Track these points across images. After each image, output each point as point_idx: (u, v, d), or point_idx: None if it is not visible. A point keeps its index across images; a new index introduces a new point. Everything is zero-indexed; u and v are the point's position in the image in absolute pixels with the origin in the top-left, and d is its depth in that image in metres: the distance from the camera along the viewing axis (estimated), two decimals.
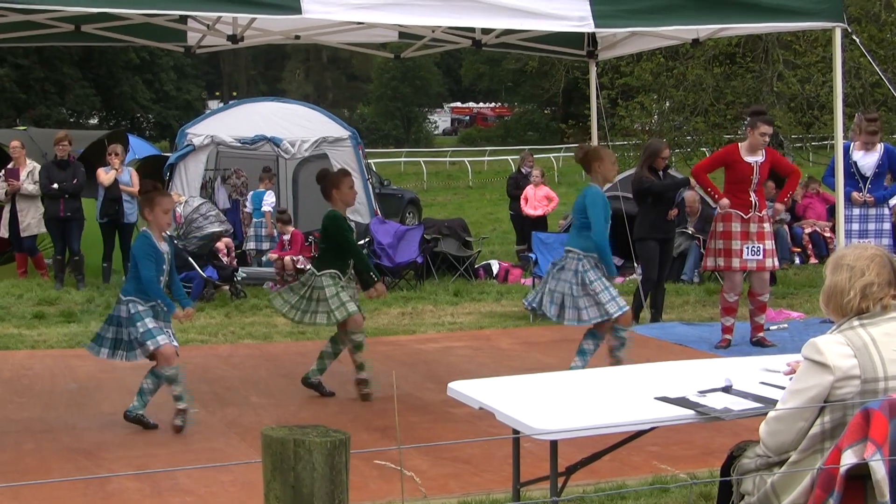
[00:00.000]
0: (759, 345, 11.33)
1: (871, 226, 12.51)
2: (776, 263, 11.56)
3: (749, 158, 11.13)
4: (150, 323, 8.21)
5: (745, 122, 11.54)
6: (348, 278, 9.51)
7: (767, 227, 11.26)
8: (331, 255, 9.44)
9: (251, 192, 17.70)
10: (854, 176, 12.41)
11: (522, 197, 19.12)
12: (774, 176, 12.32)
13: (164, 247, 8.40)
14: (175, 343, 8.44)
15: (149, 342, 8.16)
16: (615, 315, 9.27)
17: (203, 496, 6.77)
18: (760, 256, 11.14)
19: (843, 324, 4.45)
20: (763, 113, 11.52)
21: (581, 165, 9.82)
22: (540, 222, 18.56)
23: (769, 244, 11.21)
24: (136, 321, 8.18)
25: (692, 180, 12.69)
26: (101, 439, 8.14)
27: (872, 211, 12.50)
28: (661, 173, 12.93)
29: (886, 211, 12.64)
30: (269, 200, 17.28)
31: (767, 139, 11.23)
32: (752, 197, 11.13)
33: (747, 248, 11.10)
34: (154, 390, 8.41)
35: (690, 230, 16.26)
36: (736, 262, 11.13)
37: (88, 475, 7.06)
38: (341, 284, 9.39)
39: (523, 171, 20.08)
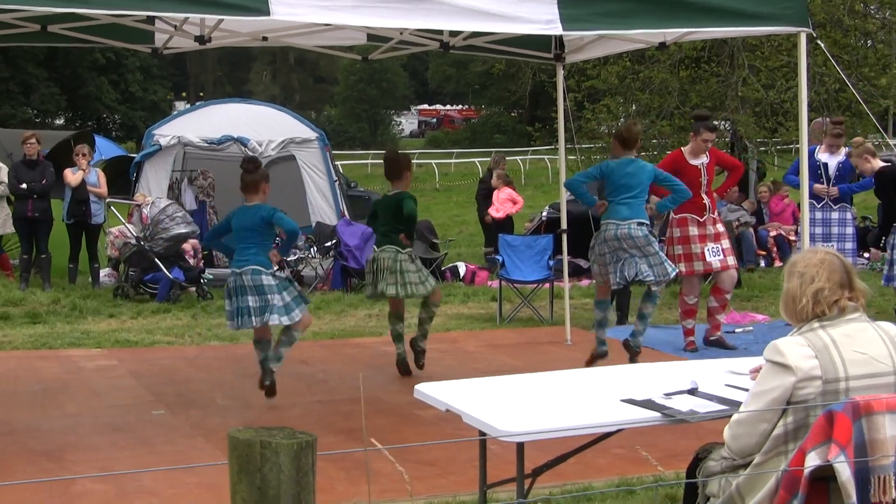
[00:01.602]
0: (716, 345, 11.37)
1: (835, 230, 12.60)
2: (735, 262, 11.69)
3: (694, 162, 11.21)
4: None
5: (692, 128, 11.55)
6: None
7: (721, 226, 11.36)
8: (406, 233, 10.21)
9: None
10: (821, 178, 12.50)
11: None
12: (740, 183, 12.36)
13: None
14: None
15: (298, 308, 8.93)
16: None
17: (168, 498, 6.75)
18: (722, 256, 11.20)
19: (803, 326, 4.49)
20: (706, 118, 11.59)
21: (627, 141, 10.18)
22: (506, 224, 18.53)
23: (726, 243, 11.30)
24: (283, 288, 8.93)
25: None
26: (66, 441, 8.10)
27: (835, 215, 12.59)
28: None
29: (849, 215, 12.72)
30: None
31: (710, 145, 11.31)
32: (705, 199, 11.19)
33: (708, 249, 11.15)
34: (289, 343, 9.16)
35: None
36: (699, 266, 11.17)
37: (52, 477, 7.02)
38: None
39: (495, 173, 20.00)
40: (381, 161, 10.91)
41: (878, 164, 11.89)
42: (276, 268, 8.99)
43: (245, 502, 3.14)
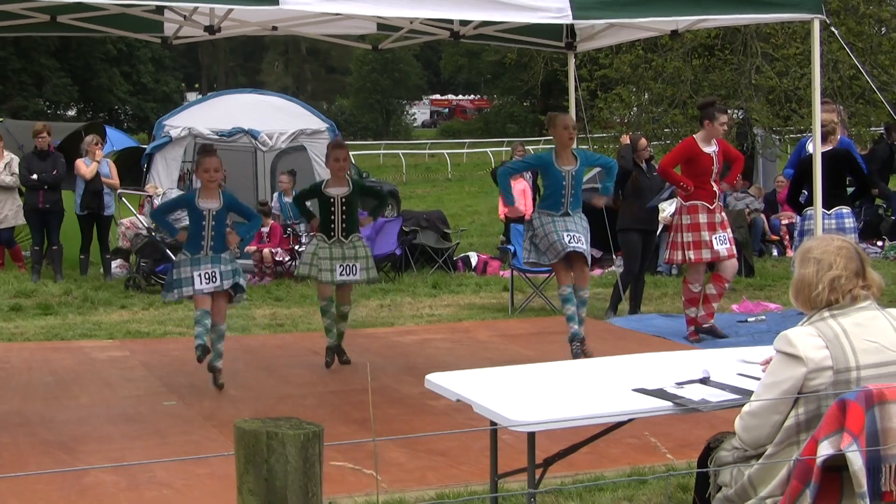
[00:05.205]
0: (708, 333, 11.35)
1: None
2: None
3: (707, 149, 11.19)
4: None
5: (700, 116, 11.45)
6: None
7: (724, 215, 11.39)
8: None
9: (282, 200, 17.10)
10: None
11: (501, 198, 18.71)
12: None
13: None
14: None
15: None
16: None
17: (180, 489, 6.74)
18: (729, 245, 11.20)
19: (813, 315, 4.45)
20: (714, 103, 11.50)
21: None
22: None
23: (730, 232, 11.31)
24: None
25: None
26: (78, 432, 8.10)
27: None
28: (645, 167, 12.92)
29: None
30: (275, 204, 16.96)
31: (725, 129, 11.30)
32: (715, 187, 11.19)
33: (716, 238, 11.13)
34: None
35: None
36: (707, 254, 11.13)
37: (65, 468, 7.02)
38: None
39: None
40: (395, 152, 11.00)
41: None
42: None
43: (252, 493, 3.12)
